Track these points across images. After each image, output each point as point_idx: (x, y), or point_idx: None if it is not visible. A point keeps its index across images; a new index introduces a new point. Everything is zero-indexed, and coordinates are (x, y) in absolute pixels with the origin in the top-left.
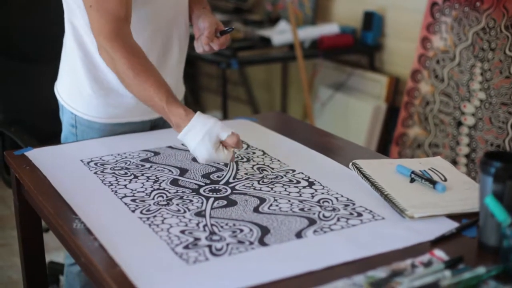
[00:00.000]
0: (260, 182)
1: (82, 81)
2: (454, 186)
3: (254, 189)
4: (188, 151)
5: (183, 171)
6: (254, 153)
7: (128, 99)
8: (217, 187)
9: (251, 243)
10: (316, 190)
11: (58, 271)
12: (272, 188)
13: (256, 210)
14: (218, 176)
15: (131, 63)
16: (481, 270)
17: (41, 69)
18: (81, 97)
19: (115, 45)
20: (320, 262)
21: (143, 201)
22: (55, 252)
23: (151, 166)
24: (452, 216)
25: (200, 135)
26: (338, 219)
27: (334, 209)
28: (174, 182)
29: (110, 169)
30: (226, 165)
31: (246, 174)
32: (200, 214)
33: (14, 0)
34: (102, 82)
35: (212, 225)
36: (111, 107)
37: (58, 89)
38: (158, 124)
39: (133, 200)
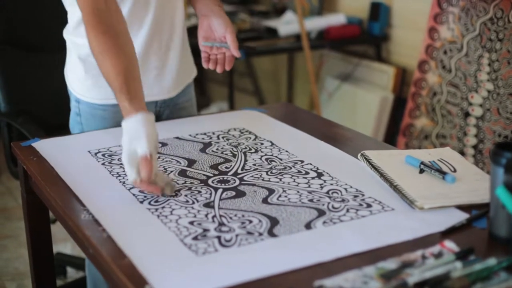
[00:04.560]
0: (269, 173)
1: (75, 62)
2: (464, 177)
3: (263, 180)
4: (196, 142)
5: (191, 162)
6: (262, 144)
7: None
8: (225, 178)
9: (260, 234)
10: (325, 181)
11: (66, 262)
12: (280, 179)
13: (265, 201)
14: (226, 167)
15: (99, 40)
16: (492, 261)
17: (48, 59)
18: (78, 78)
19: (91, 22)
20: (330, 253)
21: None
22: (62, 243)
23: (158, 157)
24: (462, 207)
25: (126, 139)
26: (348, 210)
27: (343, 200)
28: (182, 173)
29: (118, 160)
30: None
31: (254, 165)
32: (208, 205)
33: None
34: (90, 62)
35: (221, 216)
36: (104, 88)
37: (67, 75)
38: (164, 109)
39: (141, 191)
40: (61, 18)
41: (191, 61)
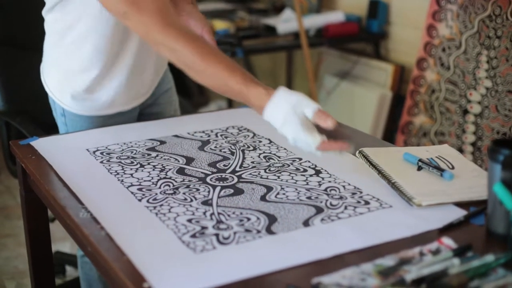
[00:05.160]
0: (267, 170)
1: (62, 78)
2: (462, 174)
3: (261, 177)
4: (194, 140)
5: (189, 160)
6: (260, 141)
7: (104, 96)
8: (223, 176)
9: (258, 231)
10: (323, 178)
11: (65, 261)
12: (279, 177)
13: (263, 198)
14: (224, 165)
15: (195, 48)
16: (489, 258)
17: None
18: (64, 92)
19: (171, 35)
20: (328, 250)
21: (150, 190)
22: (61, 242)
23: (157, 155)
24: (460, 204)
25: (283, 113)
26: (346, 207)
27: (341, 197)
28: (181, 171)
29: (116, 158)
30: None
31: (252, 162)
32: (207, 202)
33: None
34: (77, 84)
35: (219, 213)
36: (94, 102)
37: (45, 79)
38: (145, 108)
39: (140, 189)
40: None
41: None
